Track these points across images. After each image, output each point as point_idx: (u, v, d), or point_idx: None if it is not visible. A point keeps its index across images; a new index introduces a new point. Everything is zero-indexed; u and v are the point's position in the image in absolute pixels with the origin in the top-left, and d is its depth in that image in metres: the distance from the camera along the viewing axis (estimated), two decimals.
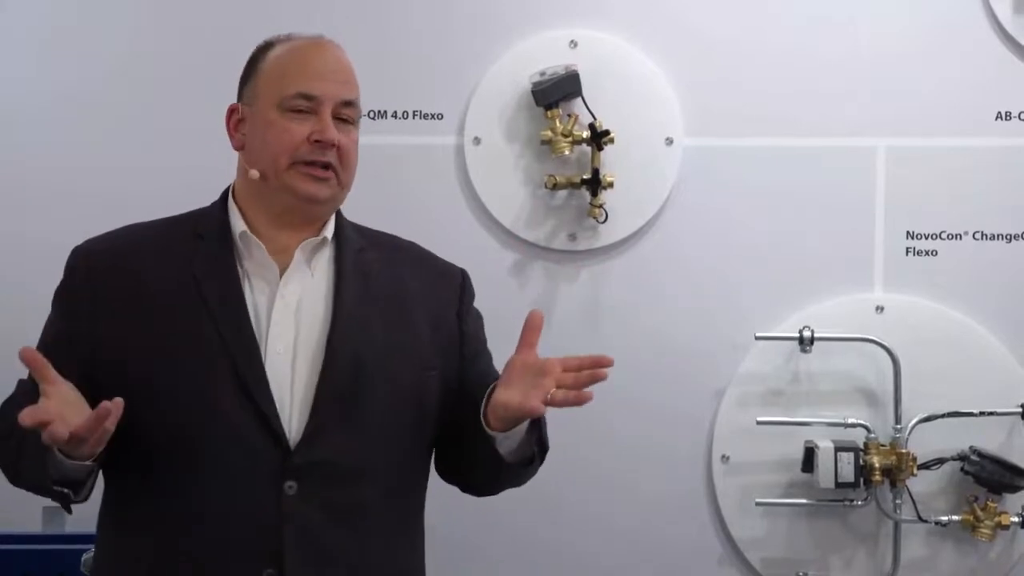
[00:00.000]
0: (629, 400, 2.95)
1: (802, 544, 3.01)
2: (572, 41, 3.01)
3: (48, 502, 2.68)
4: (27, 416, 1.62)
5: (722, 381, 3.02)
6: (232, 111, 1.97)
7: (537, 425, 1.89)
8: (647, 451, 3.00)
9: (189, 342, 1.82)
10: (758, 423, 2.96)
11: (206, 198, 1.98)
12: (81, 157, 3.01)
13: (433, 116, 3.02)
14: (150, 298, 1.85)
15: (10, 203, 3.01)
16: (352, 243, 1.96)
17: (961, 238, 3.02)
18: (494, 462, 1.87)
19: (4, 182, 3.02)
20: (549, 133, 2.94)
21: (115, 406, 1.64)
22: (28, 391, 1.78)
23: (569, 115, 2.96)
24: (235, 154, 1.96)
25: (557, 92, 2.93)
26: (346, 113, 1.91)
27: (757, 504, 2.98)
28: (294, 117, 1.88)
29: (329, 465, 1.82)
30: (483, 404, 1.85)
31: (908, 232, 3.02)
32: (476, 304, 2.08)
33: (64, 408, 1.66)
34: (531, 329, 1.83)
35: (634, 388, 2.95)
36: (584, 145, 2.96)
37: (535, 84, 2.95)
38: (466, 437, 1.90)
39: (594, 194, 2.96)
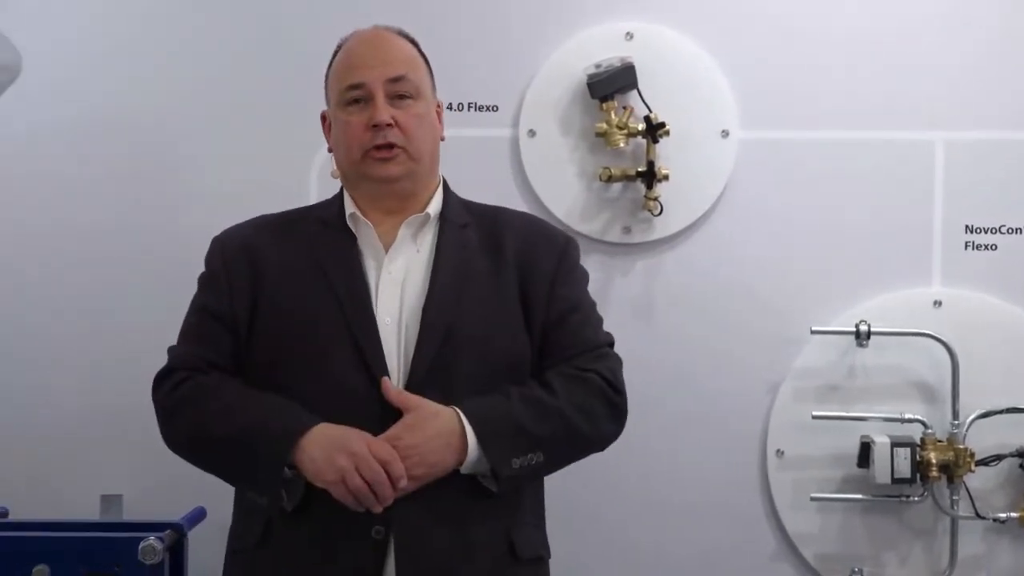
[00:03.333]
0: (683, 394, 2.96)
1: (857, 540, 2.99)
2: (628, 33, 3.00)
3: (106, 489, 2.82)
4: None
5: (777, 375, 3.00)
6: (323, 118, 2.15)
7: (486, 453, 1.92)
8: (701, 445, 2.99)
9: (312, 312, 1.96)
10: (813, 418, 2.94)
11: None
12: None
13: (488, 108, 3.02)
14: (275, 276, 2.01)
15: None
16: (457, 219, 2.07)
17: (1021, 232, 2.98)
18: None
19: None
20: (604, 126, 2.92)
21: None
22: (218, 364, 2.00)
23: (624, 107, 2.95)
24: None
25: (612, 84, 2.92)
26: (399, 89, 2.01)
27: (812, 499, 2.96)
28: (353, 110, 2.02)
29: None
30: None
31: (967, 226, 2.99)
32: None
33: None
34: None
35: (688, 382, 2.97)
36: (639, 138, 2.94)
37: (590, 76, 2.94)
38: None
39: (649, 187, 2.94)
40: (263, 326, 1.99)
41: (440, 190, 2.12)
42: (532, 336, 2.03)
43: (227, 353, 2.02)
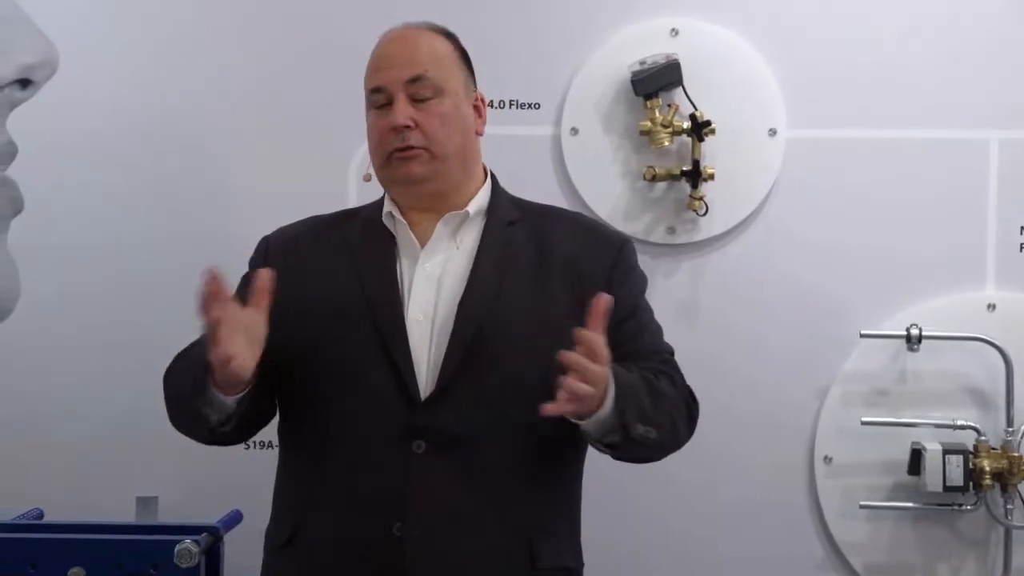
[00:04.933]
0: (729, 399, 2.90)
1: (907, 549, 2.94)
2: (673, 29, 2.96)
3: (142, 491, 2.82)
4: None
5: (825, 380, 2.95)
6: None
7: (620, 411, 1.85)
8: (748, 451, 2.95)
9: (339, 304, 1.97)
10: (863, 423, 2.90)
11: None
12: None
13: (530, 106, 2.98)
14: (310, 276, 2.02)
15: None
16: (504, 216, 2.06)
17: None
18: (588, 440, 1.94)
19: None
20: (648, 124, 2.89)
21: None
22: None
23: (669, 105, 2.91)
24: None
25: (657, 82, 2.88)
26: (418, 91, 1.99)
27: (861, 507, 2.91)
28: (378, 114, 2.02)
29: (454, 427, 1.90)
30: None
31: (1022, 227, 2.94)
32: None
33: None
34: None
35: (734, 387, 2.92)
36: (684, 136, 2.90)
37: (635, 73, 2.90)
38: None
39: (694, 186, 2.90)
40: (291, 326, 1.95)
41: (487, 187, 2.10)
42: None
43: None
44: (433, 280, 1.98)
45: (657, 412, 1.92)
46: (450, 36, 2.11)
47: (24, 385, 2.96)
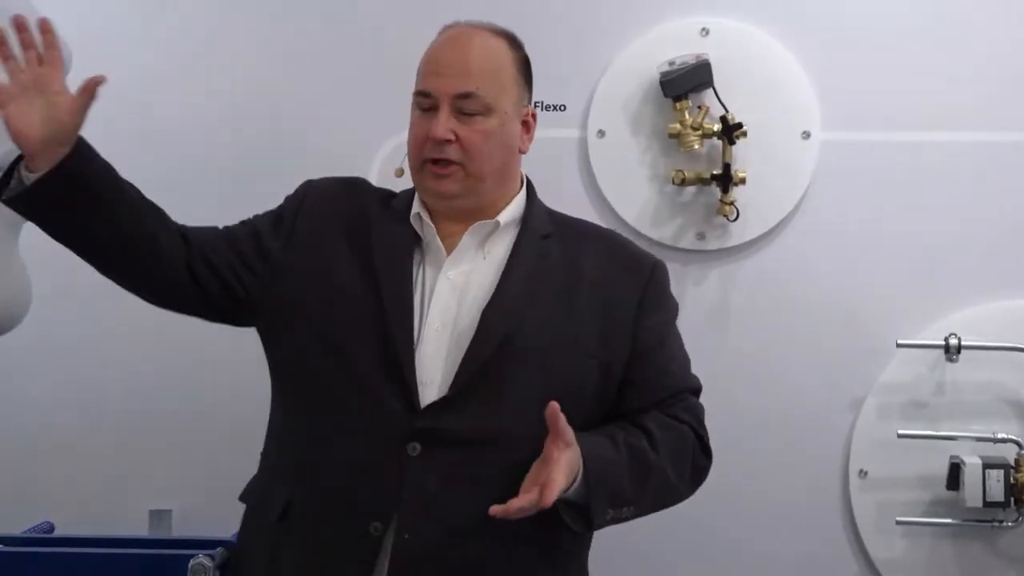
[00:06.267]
0: (760, 410, 2.88)
1: (946, 566, 2.89)
2: (703, 29, 2.92)
3: (156, 505, 2.79)
4: None
5: (860, 391, 2.91)
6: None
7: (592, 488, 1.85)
8: (780, 464, 2.91)
9: (351, 302, 1.92)
10: (899, 436, 2.86)
11: None
12: None
13: (556, 108, 2.94)
14: (331, 246, 1.98)
15: None
16: (538, 229, 2.01)
17: None
18: None
19: None
20: (678, 126, 2.85)
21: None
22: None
23: (699, 107, 2.87)
24: None
25: (687, 83, 2.85)
26: (465, 106, 1.93)
27: (898, 523, 2.87)
28: (421, 116, 1.96)
29: (456, 433, 1.86)
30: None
31: None
32: None
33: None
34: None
35: (766, 398, 2.89)
36: (715, 139, 2.87)
37: (663, 74, 2.86)
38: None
39: (725, 191, 2.87)
40: (294, 290, 1.95)
41: (521, 196, 2.05)
42: (609, 367, 1.95)
43: (218, 251, 1.97)
44: (456, 289, 1.94)
45: (639, 490, 1.90)
46: (513, 42, 2.05)
47: (33, 395, 2.95)
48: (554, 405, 1.77)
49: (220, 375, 2.85)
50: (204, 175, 2.95)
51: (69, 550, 2.53)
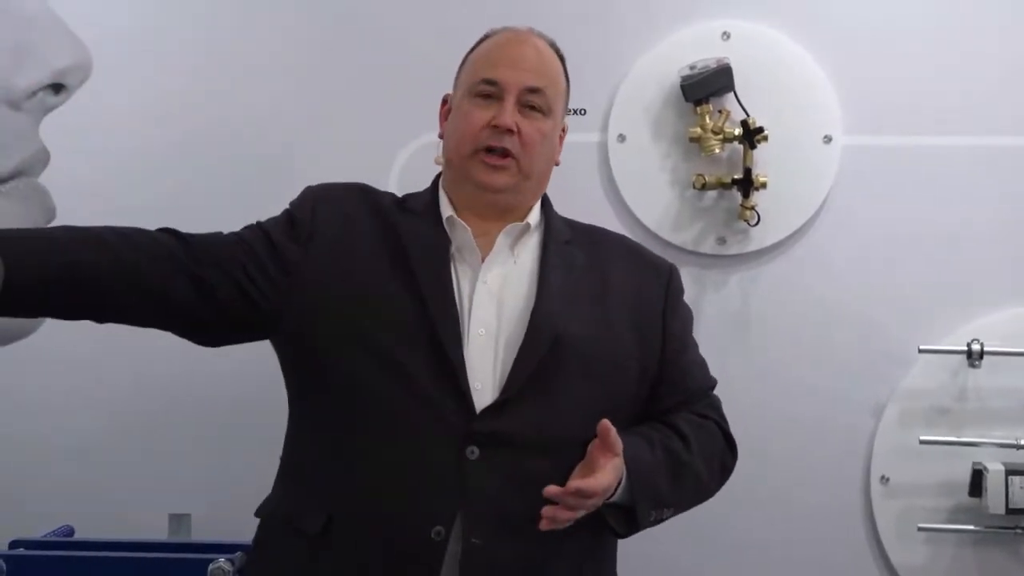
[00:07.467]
0: (781, 416, 2.87)
1: (968, 573, 2.86)
2: (724, 32, 2.90)
3: (175, 509, 2.80)
4: None
5: (882, 397, 2.88)
6: (444, 101, 2.09)
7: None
8: (800, 471, 2.89)
9: (393, 308, 1.90)
10: (921, 442, 2.83)
11: None
12: None
13: (576, 112, 2.89)
14: (360, 250, 1.95)
15: None
16: (560, 234, 2.04)
17: None
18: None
19: None
20: (698, 130, 2.83)
21: None
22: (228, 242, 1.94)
23: (720, 111, 2.85)
24: None
25: (708, 87, 2.83)
26: (533, 100, 1.97)
27: (919, 530, 2.84)
28: (479, 103, 1.97)
29: (514, 436, 1.87)
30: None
31: None
32: None
33: None
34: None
35: (786, 403, 2.88)
36: (736, 143, 2.85)
37: (684, 78, 2.85)
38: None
39: (746, 195, 2.85)
40: (331, 295, 1.91)
41: (539, 203, 2.08)
42: (645, 370, 2.01)
43: (234, 257, 1.91)
44: (493, 295, 1.95)
45: (676, 491, 1.96)
46: (563, 60, 2.10)
47: (53, 399, 2.94)
48: (605, 422, 1.81)
49: (240, 380, 2.84)
50: (223, 183, 2.94)
51: (89, 554, 2.54)
